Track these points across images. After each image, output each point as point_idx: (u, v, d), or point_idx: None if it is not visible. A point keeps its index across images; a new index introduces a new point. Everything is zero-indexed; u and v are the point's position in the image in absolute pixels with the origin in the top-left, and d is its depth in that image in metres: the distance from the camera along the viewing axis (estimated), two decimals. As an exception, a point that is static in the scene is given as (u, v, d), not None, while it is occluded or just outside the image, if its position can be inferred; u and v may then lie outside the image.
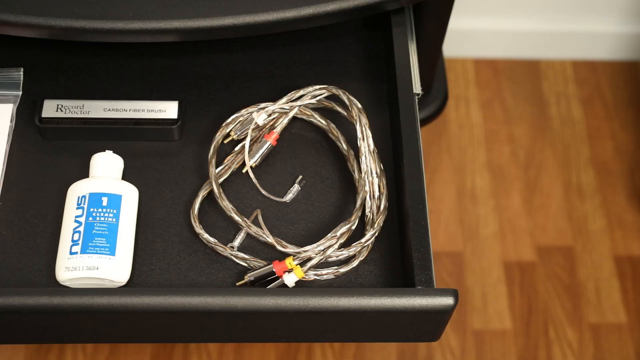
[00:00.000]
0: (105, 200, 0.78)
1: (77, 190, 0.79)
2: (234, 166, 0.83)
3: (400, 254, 0.80)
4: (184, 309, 0.71)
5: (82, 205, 0.78)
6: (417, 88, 0.84)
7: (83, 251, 0.76)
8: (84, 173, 0.83)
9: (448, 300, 0.72)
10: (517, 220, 1.62)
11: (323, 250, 0.77)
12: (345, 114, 0.85)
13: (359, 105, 0.82)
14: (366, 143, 0.81)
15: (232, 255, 0.79)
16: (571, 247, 1.60)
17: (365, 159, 0.81)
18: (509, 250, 1.60)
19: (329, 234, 0.78)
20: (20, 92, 0.85)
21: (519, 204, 1.64)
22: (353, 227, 0.79)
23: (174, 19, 0.80)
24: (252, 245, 0.81)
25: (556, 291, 1.55)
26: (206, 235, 0.79)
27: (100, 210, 0.77)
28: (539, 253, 1.60)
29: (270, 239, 0.78)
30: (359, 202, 0.80)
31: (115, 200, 0.78)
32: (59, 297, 0.70)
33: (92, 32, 0.81)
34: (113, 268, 0.76)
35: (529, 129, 1.73)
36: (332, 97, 0.87)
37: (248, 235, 0.81)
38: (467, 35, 1.73)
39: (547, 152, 1.70)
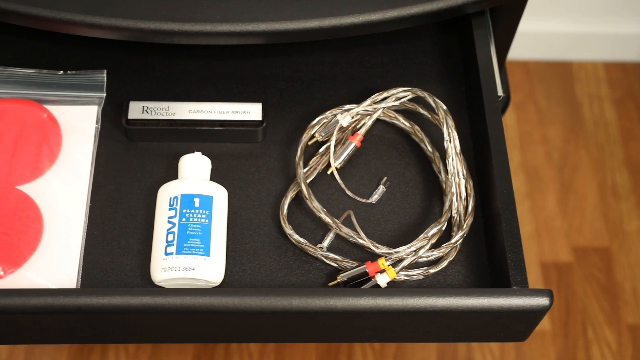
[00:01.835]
0: (197, 201, 0.79)
1: (168, 191, 0.79)
2: (320, 167, 0.84)
3: (487, 255, 0.81)
4: (284, 309, 0.72)
5: (174, 206, 0.78)
6: (500, 90, 0.84)
7: (178, 252, 0.76)
8: (170, 174, 0.84)
9: (544, 301, 0.73)
10: (553, 221, 1.64)
11: (415, 251, 0.78)
12: (429, 116, 0.85)
13: (445, 107, 0.83)
14: (453, 145, 0.82)
15: (322, 256, 0.80)
16: (607, 248, 1.62)
17: (452, 160, 0.81)
18: (545, 251, 1.61)
19: (421, 235, 0.79)
20: (104, 94, 0.86)
21: (554, 204, 1.66)
22: (443, 228, 0.80)
23: (262, 22, 0.81)
24: (340, 246, 0.81)
25: (594, 292, 1.56)
26: (296, 236, 0.80)
27: (192, 211, 0.78)
28: (576, 254, 1.61)
29: (365, 240, 0.78)
30: (447, 204, 0.81)
31: (206, 202, 0.79)
32: (161, 297, 0.71)
33: (180, 34, 0.81)
34: (208, 268, 0.76)
35: (563, 131, 1.74)
36: (415, 99, 0.88)
37: (335, 235, 0.81)
38: (503, 37, 1.73)
39: (581, 153, 1.71)
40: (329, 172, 0.85)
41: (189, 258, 0.76)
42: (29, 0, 0.80)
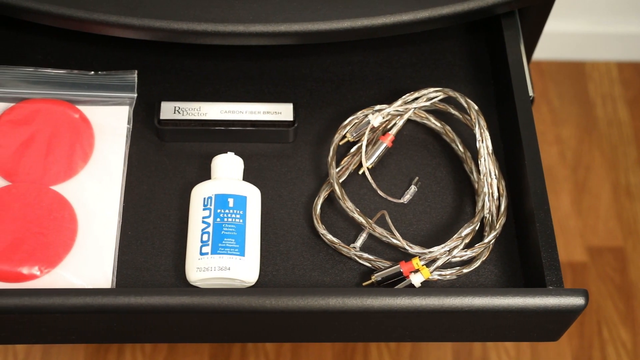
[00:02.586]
0: (231, 201, 0.79)
1: (202, 191, 0.80)
2: (352, 167, 0.84)
3: (519, 255, 0.81)
4: (321, 309, 0.72)
5: (208, 206, 0.78)
6: (531, 91, 0.85)
7: (214, 252, 0.76)
8: (202, 174, 0.84)
9: (579, 301, 0.73)
10: (567, 220, 1.64)
11: (448, 250, 0.78)
12: (460, 116, 0.86)
13: (476, 108, 0.83)
14: (485, 145, 0.82)
15: (355, 255, 0.80)
16: (622, 248, 1.62)
17: (485, 160, 0.82)
18: (560, 251, 1.61)
19: (454, 235, 0.79)
20: (136, 95, 0.86)
21: (568, 204, 1.66)
22: (477, 228, 0.80)
23: (294, 22, 0.81)
24: (372, 246, 0.82)
25: (608, 292, 1.56)
26: (330, 236, 0.80)
27: (227, 211, 0.78)
28: (590, 253, 1.61)
29: (400, 240, 0.79)
30: (480, 204, 0.81)
31: (240, 202, 0.79)
32: (198, 297, 0.71)
33: (213, 35, 0.81)
34: (243, 268, 0.77)
35: (576, 130, 1.74)
36: (445, 100, 0.88)
37: (367, 235, 0.82)
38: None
39: (595, 153, 1.72)
40: (360, 172, 0.85)
41: (224, 258, 0.76)
42: (62, 1, 0.81)
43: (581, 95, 1.79)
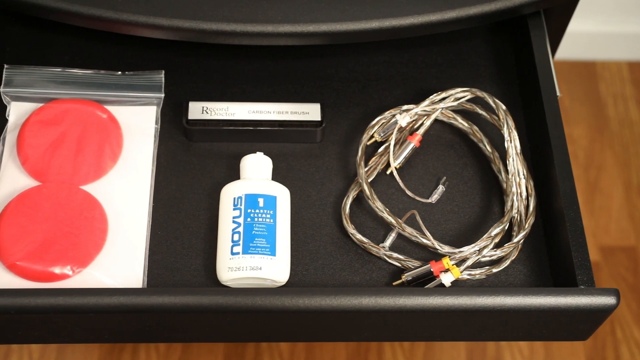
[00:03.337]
0: (261, 201, 0.79)
1: (232, 191, 0.80)
2: (379, 167, 0.84)
3: (548, 254, 0.82)
4: (354, 308, 0.72)
5: (238, 206, 0.79)
6: (558, 90, 0.85)
7: (245, 251, 0.76)
8: (231, 174, 0.84)
9: (611, 300, 0.73)
10: (579, 220, 1.64)
11: (478, 250, 0.79)
12: (487, 116, 0.86)
13: (504, 108, 0.84)
14: (513, 145, 0.82)
15: (385, 255, 0.80)
16: (634, 248, 1.62)
17: (513, 160, 0.82)
18: (572, 250, 1.61)
19: (484, 235, 0.79)
20: (163, 95, 0.86)
21: (580, 204, 1.66)
22: (506, 228, 0.80)
23: (322, 22, 0.82)
24: (401, 246, 0.82)
25: (621, 291, 1.57)
26: (359, 236, 0.80)
27: (257, 211, 0.78)
28: (603, 253, 1.61)
29: (430, 240, 0.79)
30: (509, 203, 0.81)
31: (270, 201, 0.79)
32: (232, 297, 0.71)
33: (242, 35, 0.82)
34: (275, 268, 0.77)
35: (588, 130, 1.75)
36: (472, 100, 0.88)
37: (397, 235, 0.82)
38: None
39: (607, 152, 1.72)
40: (388, 172, 0.85)
41: (256, 258, 0.76)
42: (91, 1, 0.81)
43: (592, 95, 1.80)
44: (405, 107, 0.86)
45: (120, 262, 0.78)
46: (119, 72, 0.87)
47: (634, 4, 1.70)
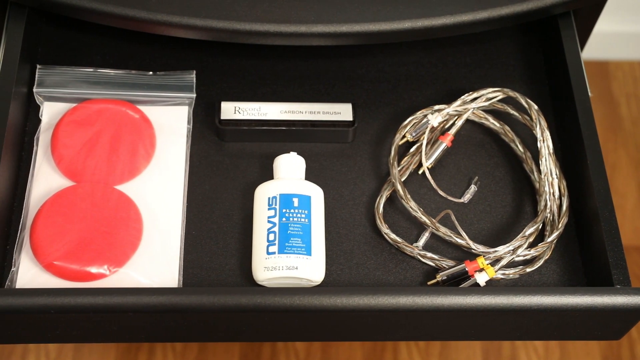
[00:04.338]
0: (296, 201, 0.79)
1: (266, 191, 0.80)
2: (412, 167, 0.85)
3: (581, 253, 0.82)
4: (391, 307, 0.72)
5: (273, 206, 0.79)
6: (589, 90, 0.85)
7: (281, 251, 0.77)
8: (264, 174, 0.84)
9: (647, 299, 0.73)
10: (594, 220, 1.64)
11: (513, 250, 0.79)
12: (519, 116, 0.86)
13: (537, 108, 0.84)
14: (546, 145, 0.83)
15: (419, 255, 0.80)
16: (648, 247, 1.62)
17: (546, 160, 0.82)
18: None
19: (519, 235, 0.79)
20: (194, 95, 0.86)
21: (594, 204, 1.66)
22: (540, 227, 0.80)
23: (355, 23, 0.82)
24: (434, 245, 0.82)
25: (637, 290, 1.57)
26: (393, 235, 0.81)
27: (292, 211, 0.79)
28: (617, 252, 1.61)
29: (465, 240, 0.79)
30: (542, 203, 0.81)
31: (305, 201, 0.79)
32: (270, 297, 0.72)
33: (275, 35, 0.82)
34: (311, 268, 0.77)
35: (601, 130, 1.75)
36: (503, 100, 0.88)
37: (430, 234, 0.82)
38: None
39: (620, 152, 1.72)
40: (420, 172, 0.85)
41: (292, 257, 0.77)
42: (124, 2, 0.81)
43: (605, 94, 1.80)
44: (437, 107, 0.86)
45: (155, 261, 0.78)
46: (150, 72, 0.87)
47: (646, 3, 1.70)
